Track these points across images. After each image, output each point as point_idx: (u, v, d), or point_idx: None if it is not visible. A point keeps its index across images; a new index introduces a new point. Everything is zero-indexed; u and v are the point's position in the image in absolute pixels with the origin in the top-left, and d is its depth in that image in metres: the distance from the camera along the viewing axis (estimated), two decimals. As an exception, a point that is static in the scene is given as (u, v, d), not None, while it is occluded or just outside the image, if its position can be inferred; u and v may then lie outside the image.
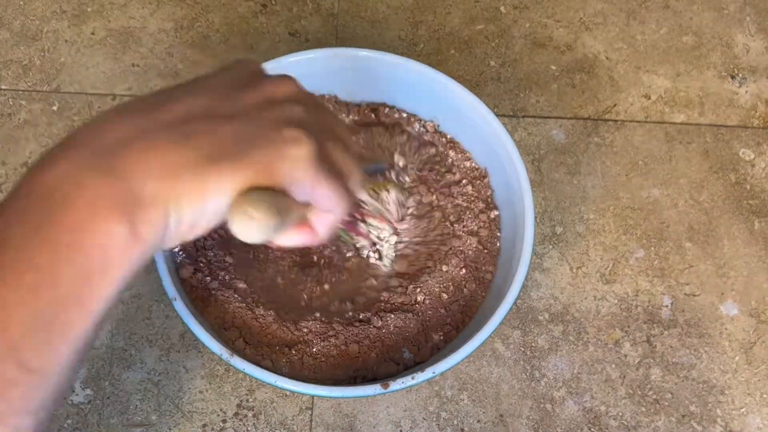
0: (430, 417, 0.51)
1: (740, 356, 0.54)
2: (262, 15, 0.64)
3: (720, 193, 0.59)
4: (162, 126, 0.28)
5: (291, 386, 0.42)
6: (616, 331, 0.54)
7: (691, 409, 0.52)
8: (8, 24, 0.62)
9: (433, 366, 0.43)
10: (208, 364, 0.51)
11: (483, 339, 0.43)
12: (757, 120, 0.62)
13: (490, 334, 0.43)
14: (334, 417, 0.50)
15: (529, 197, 0.48)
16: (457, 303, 0.49)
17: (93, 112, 0.59)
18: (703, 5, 0.66)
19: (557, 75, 0.63)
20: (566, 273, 0.55)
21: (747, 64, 0.64)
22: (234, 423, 0.50)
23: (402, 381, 0.43)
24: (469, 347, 0.43)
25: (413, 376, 0.43)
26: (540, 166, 0.59)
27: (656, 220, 0.58)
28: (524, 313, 0.54)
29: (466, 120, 0.52)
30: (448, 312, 0.49)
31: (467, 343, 0.43)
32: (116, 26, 0.62)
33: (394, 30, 0.64)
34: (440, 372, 0.43)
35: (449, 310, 0.49)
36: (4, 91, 0.60)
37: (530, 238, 0.46)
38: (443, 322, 0.48)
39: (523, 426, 0.51)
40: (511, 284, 0.45)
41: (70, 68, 0.61)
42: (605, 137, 0.60)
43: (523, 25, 0.65)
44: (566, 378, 0.52)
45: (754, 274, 0.56)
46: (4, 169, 0.57)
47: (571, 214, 0.58)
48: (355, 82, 0.54)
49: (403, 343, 0.47)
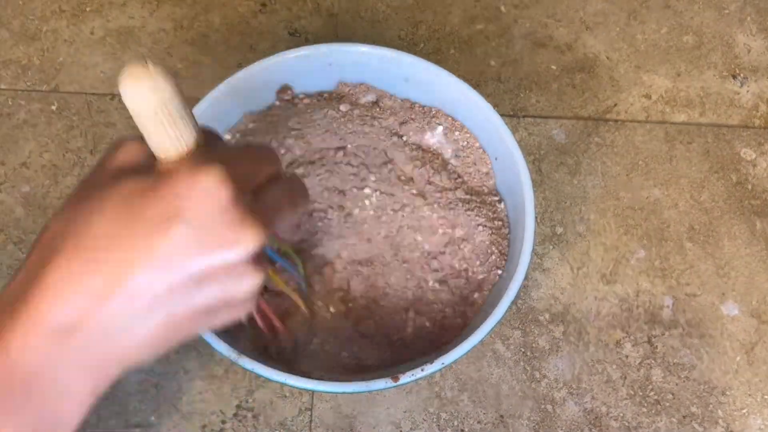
0: (430, 418, 0.50)
1: (741, 357, 0.53)
2: (262, 14, 0.64)
3: (721, 193, 0.59)
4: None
5: (301, 384, 0.42)
6: (617, 332, 0.54)
7: (692, 410, 0.52)
8: (7, 23, 0.62)
9: (442, 357, 0.43)
10: (207, 365, 0.51)
11: (490, 327, 0.43)
12: (759, 120, 0.62)
13: (496, 322, 0.44)
14: (334, 418, 0.50)
15: (530, 197, 0.47)
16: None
17: (92, 111, 0.59)
18: (703, 5, 0.66)
19: (557, 75, 0.63)
20: (567, 273, 0.55)
21: (748, 63, 0.64)
22: (233, 424, 0.50)
23: (412, 373, 0.43)
24: (477, 336, 0.43)
25: (422, 368, 0.43)
26: (540, 166, 0.59)
27: (657, 221, 0.58)
28: (524, 313, 0.54)
29: (467, 114, 0.52)
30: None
31: (473, 334, 0.43)
32: (115, 26, 0.62)
33: (394, 29, 0.64)
34: (449, 362, 0.43)
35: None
36: (3, 91, 0.59)
37: (530, 238, 0.46)
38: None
39: (524, 427, 0.51)
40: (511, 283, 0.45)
41: (69, 68, 0.60)
42: (606, 137, 0.60)
43: (523, 24, 0.65)
44: (567, 379, 0.52)
45: (755, 275, 0.56)
46: (3, 169, 0.57)
47: (571, 214, 0.57)
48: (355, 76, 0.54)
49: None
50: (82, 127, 0.58)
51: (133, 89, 0.28)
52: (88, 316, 0.28)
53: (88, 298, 0.28)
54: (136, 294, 0.29)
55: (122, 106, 0.59)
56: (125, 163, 0.31)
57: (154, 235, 0.28)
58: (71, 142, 0.58)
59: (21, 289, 0.29)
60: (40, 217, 0.55)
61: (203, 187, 0.29)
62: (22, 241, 0.54)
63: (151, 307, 0.29)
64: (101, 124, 0.58)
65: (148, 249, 0.28)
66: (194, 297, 0.30)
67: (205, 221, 0.29)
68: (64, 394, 0.29)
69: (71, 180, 0.56)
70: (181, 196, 0.29)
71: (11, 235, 0.54)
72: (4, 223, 0.55)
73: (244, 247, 0.30)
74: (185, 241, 0.28)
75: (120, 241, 0.28)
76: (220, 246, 0.29)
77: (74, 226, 0.29)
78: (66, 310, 0.28)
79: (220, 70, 0.60)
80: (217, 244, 0.29)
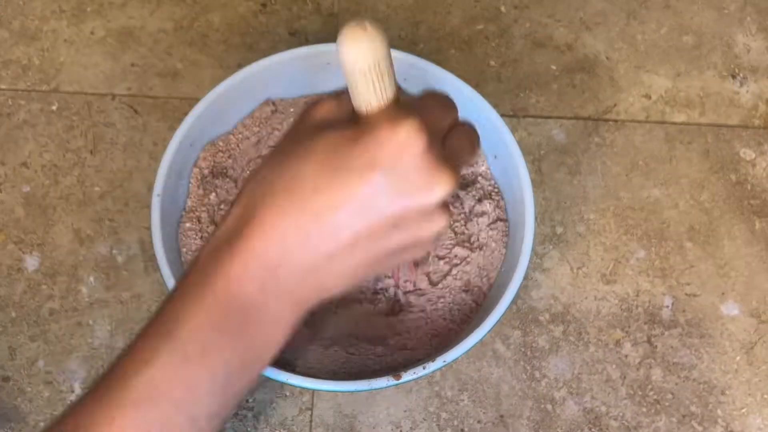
0: (430, 417, 0.50)
1: (741, 356, 0.53)
2: (262, 15, 0.64)
3: (721, 193, 0.59)
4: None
5: (303, 383, 0.42)
6: (616, 332, 0.54)
7: (691, 410, 0.52)
8: (7, 24, 0.62)
9: (444, 354, 0.43)
10: (207, 365, 0.51)
11: (492, 324, 0.44)
12: (758, 120, 0.62)
13: (498, 319, 0.44)
14: (334, 417, 0.50)
15: (530, 197, 0.48)
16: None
17: (92, 111, 0.59)
18: (703, 5, 0.66)
19: (557, 75, 0.63)
20: (567, 273, 0.55)
21: (748, 63, 0.64)
22: (234, 423, 0.50)
23: (414, 371, 0.43)
24: (479, 334, 0.43)
25: (424, 365, 0.43)
26: (540, 166, 0.59)
27: (657, 220, 0.58)
28: (524, 313, 0.54)
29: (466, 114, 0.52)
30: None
31: (475, 331, 0.43)
32: (115, 26, 0.62)
33: (394, 29, 0.64)
34: (451, 360, 0.43)
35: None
36: (3, 91, 0.59)
37: (530, 237, 0.46)
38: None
39: (524, 426, 0.51)
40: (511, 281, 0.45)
41: (69, 68, 0.60)
42: (606, 137, 0.60)
43: (523, 24, 0.65)
44: (567, 378, 0.52)
45: (755, 274, 0.56)
46: (3, 169, 0.57)
47: (571, 214, 0.57)
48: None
49: None
50: (82, 127, 0.58)
51: (353, 49, 0.31)
52: (296, 252, 0.32)
53: (296, 236, 0.31)
54: (339, 233, 0.31)
55: (122, 106, 0.59)
56: (325, 118, 0.34)
57: (357, 181, 0.31)
58: (71, 142, 0.58)
59: (237, 226, 0.32)
60: (39, 216, 0.55)
61: (402, 136, 0.31)
62: (22, 241, 0.54)
63: (352, 246, 0.32)
64: (101, 124, 0.58)
65: (351, 193, 0.31)
66: (391, 237, 0.32)
67: (403, 168, 0.31)
68: (272, 320, 0.33)
69: (71, 180, 0.56)
70: (383, 145, 0.31)
71: (11, 235, 0.54)
72: (4, 223, 0.55)
73: (439, 192, 0.32)
74: (385, 187, 0.31)
75: (326, 186, 0.31)
76: (418, 191, 0.32)
77: (284, 171, 0.32)
78: (278, 246, 0.31)
79: (220, 70, 0.60)
80: (415, 189, 0.31)
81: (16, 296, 0.53)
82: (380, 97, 0.32)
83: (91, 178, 0.56)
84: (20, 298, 0.53)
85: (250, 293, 0.32)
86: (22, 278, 0.53)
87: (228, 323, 0.31)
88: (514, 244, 0.48)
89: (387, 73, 0.32)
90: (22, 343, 0.51)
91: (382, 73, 0.31)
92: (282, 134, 0.38)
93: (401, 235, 0.33)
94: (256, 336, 0.32)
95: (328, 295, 0.34)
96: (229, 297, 0.31)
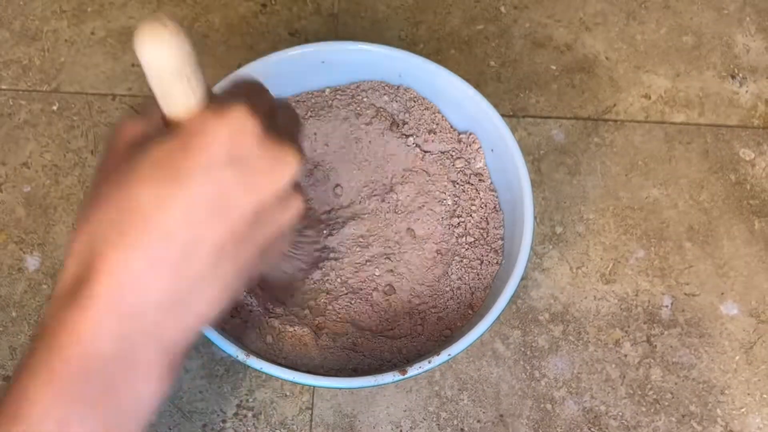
0: (430, 417, 0.51)
1: (740, 356, 0.54)
2: (262, 15, 0.64)
3: (720, 193, 0.59)
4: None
5: (309, 381, 0.42)
6: (616, 331, 0.54)
7: (691, 409, 0.52)
8: (8, 24, 0.62)
9: (448, 348, 0.43)
10: (207, 365, 0.51)
11: (496, 315, 0.44)
12: (758, 120, 0.62)
13: (501, 311, 0.44)
14: (334, 417, 0.50)
15: (529, 196, 0.48)
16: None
17: (93, 111, 0.59)
18: (702, 5, 0.66)
19: (557, 75, 0.63)
20: (566, 273, 0.55)
21: (747, 63, 0.64)
22: (234, 423, 0.50)
23: (419, 365, 0.43)
24: (481, 327, 0.43)
25: (429, 360, 0.43)
26: (540, 166, 0.59)
27: (656, 220, 0.58)
28: (524, 313, 0.54)
29: (466, 113, 0.52)
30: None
31: (479, 323, 0.43)
32: (116, 26, 0.62)
33: (394, 30, 0.64)
34: (455, 354, 0.43)
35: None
36: (4, 91, 0.60)
37: (529, 235, 0.46)
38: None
39: (523, 426, 0.51)
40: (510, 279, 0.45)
41: (70, 68, 0.61)
42: (605, 137, 0.60)
43: (523, 25, 0.65)
44: (566, 378, 0.52)
45: (754, 274, 0.56)
46: (4, 169, 0.57)
47: (571, 214, 0.58)
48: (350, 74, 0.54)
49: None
50: (82, 128, 0.58)
51: (154, 47, 0.27)
52: (154, 288, 0.28)
53: (150, 269, 0.27)
54: (199, 248, 0.28)
55: (122, 106, 0.59)
56: (135, 137, 0.30)
57: (202, 184, 0.27)
58: (72, 142, 0.58)
59: (79, 276, 0.28)
60: (40, 216, 0.55)
61: (235, 126, 0.28)
62: (23, 241, 0.54)
63: (217, 258, 0.28)
64: (102, 125, 0.58)
65: (200, 200, 0.27)
66: (255, 235, 0.30)
67: (246, 158, 0.28)
68: (141, 375, 0.28)
69: (72, 180, 0.56)
70: (218, 141, 0.28)
71: (12, 235, 0.55)
72: (5, 223, 0.55)
73: (288, 172, 0.30)
74: (233, 183, 0.28)
75: (169, 201, 0.27)
76: (268, 177, 0.29)
77: (116, 204, 0.28)
78: (131, 287, 0.27)
79: (220, 70, 0.60)
80: (264, 175, 0.29)
81: (16, 296, 0.53)
82: (197, 95, 0.29)
83: (91, 178, 0.57)
84: (21, 297, 0.53)
85: (107, 351, 0.27)
86: (22, 278, 0.53)
87: (87, 390, 0.27)
88: (513, 242, 0.48)
89: (198, 68, 0.29)
90: (22, 343, 0.51)
91: (194, 69, 0.29)
92: (95, 171, 0.33)
93: (264, 229, 0.30)
94: (125, 396, 0.28)
95: (205, 324, 0.30)
96: (82, 361, 0.27)
